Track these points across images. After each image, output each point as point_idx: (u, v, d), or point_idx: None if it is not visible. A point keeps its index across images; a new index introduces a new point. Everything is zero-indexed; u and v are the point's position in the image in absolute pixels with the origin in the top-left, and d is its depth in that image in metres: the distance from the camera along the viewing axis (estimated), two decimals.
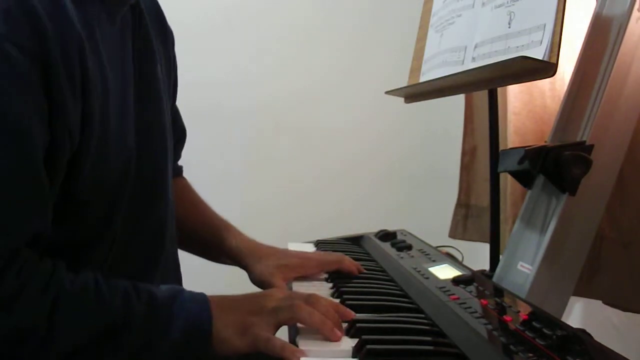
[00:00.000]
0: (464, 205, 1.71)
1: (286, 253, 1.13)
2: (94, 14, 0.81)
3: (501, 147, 1.22)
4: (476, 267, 1.08)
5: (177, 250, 1.09)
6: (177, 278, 1.08)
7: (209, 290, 0.83)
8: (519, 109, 1.34)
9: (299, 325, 0.79)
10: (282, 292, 0.84)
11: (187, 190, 1.22)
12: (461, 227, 1.71)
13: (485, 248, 1.24)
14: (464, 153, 1.73)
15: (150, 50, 0.98)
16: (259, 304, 0.80)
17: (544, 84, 1.32)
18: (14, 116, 0.69)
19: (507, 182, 1.36)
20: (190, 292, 0.81)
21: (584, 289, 1.09)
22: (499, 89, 1.35)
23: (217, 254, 1.16)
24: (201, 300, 0.79)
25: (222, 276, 1.46)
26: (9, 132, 0.70)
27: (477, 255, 1.43)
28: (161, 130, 0.99)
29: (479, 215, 1.65)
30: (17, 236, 0.72)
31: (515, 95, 1.35)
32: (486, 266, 1.18)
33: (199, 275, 1.22)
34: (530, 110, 1.35)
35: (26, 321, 0.69)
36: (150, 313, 0.75)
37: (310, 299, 0.80)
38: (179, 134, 1.19)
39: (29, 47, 0.70)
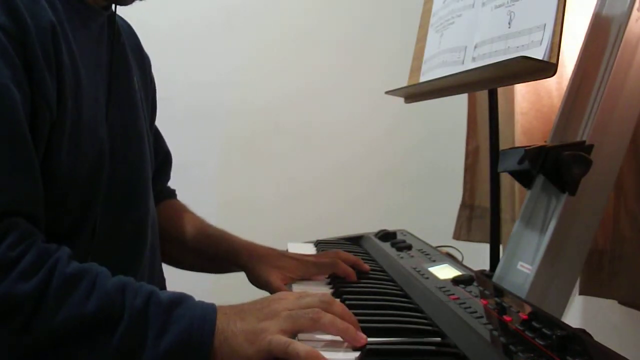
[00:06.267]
0: (468, 207, 1.71)
1: (284, 254, 1.11)
2: (66, 11, 0.86)
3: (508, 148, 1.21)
4: (476, 267, 1.08)
5: (161, 265, 1.09)
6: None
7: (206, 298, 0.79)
8: (527, 109, 1.34)
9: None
10: (293, 295, 0.79)
11: (184, 211, 1.23)
12: (465, 229, 1.71)
13: (485, 248, 1.24)
14: (467, 154, 1.72)
15: (126, 64, 1.02)
16: (270, 309, 0.75)
17: (550, 84, 1.32)
18: (2, 86, 0.73)
19: (515, 181, 1.35)
20: (200, 301, 0.76)
21: (604, 290, 1.08)
22: (506, 89, 1.35)
23: (227, 263, 1.15)
24: (207, 309, 0.74)
25: (219, 285, 1.46)
26: None
27: (477, 255, 1.43)
28: (138, 136, 1.00)
29: (482, 216, 1.65)
30: (9, 197, 0.73)
31: (522, 95, 1.34)
32: (486, 266, 1.18)
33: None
34: (537, 110, 1.34)
35: (16, 291, 0.68)
36: (146, 311, 0.71)
37: (324, 302, 0.75)
38: (163, 157, 1.20)
39: (8, 26, 0.76)
